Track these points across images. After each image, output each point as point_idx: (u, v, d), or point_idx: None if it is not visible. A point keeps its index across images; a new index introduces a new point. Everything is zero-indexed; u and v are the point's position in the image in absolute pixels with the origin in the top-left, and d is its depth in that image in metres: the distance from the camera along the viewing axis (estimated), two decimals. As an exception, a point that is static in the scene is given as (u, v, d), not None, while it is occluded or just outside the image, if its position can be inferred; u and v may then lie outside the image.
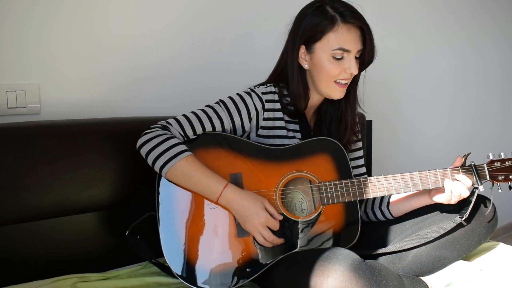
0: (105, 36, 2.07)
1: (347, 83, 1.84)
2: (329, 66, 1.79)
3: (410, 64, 3.22)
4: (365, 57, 1.84)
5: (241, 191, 1.71)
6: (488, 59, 3.71)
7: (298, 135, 1.91)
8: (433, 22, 3.31)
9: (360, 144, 2.06)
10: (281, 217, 1.73)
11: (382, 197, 1.96)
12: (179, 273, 1.69)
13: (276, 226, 1.71)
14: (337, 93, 1.84)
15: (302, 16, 1.84)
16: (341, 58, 1.79)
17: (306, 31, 1.80)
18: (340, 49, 1.77)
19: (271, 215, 1.71)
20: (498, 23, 3.76)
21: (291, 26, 1.88)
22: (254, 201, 1.70)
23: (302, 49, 1.83)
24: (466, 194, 1.75)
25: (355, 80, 1.91)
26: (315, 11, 1.80)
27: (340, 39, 1.76)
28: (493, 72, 3.78)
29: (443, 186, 1.77)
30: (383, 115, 3.02)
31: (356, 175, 1.99)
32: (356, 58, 1.82)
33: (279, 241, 1.73)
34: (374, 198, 1.98)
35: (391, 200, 1.94)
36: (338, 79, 1.81)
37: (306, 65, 1.85)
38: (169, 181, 1.72)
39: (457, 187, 1.74)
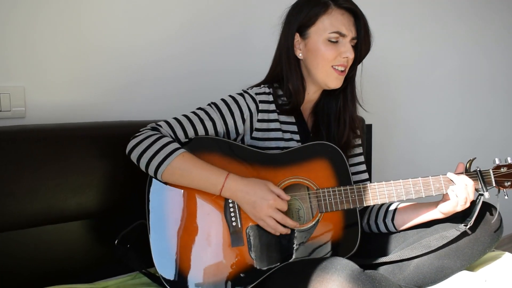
0: (93, 36, 2.07)
1: (344, 70, 1.85)
2: (325, 49, 1.81)
3: (411, 65, 3.21)
4: (362, 46, 1.86)
5: (243, 179, 1.70)
6: (494, 60, 3.71)
7: (296, 136, 1.91)
8: (436, 20, 3.30)
9: (360, 150, 2.06)
10: (288, 197, 1.73)
11: (387, 210, 1.95)
12: (171, 284, 1.68)
13: (284, 206, 1.71)
14: (334, 81, 1.85)
15: (295, 5, 1.89)
16: (336, 42, 1.82)
17: (299, 18, 1.85)
18: (335, 32, 1.80)
19: (278, 196, 1.71)
20: (504, 22, 3.75)
21: (284, 18, 1.91)
22: (258, 185, 1.70)
23: (296, 37, 1.86)
24: (472, 196, 1.75)
25: (351, 75, 1.92)
26: (308, 0, 1.85)
27: (335, 22, 1.80)
28: (499, 73, 3.77)
29: (447, 193, 1.77)
30: (384, 118, 3.02)
31: (358, 181, 1.99)
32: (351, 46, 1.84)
33: (292, 223, 1.72)
34: (378, 210, 1.97)
35: (396, 213, 1.92)
36: (334, 64, 1.83)
37: (300, 54, 1.87)
38: (165, 183, 1.71)
39: (461, 190, 1.74)
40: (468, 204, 1.76)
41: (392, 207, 1.94)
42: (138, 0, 2.16)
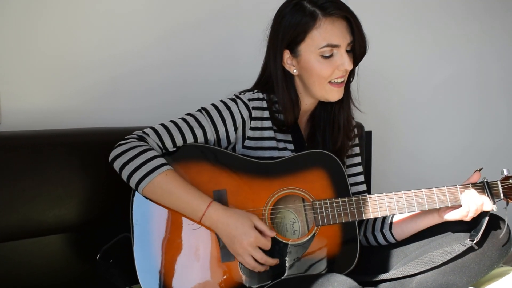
0: (72, 38, 2.07)
1: (343, 81, 1.83)
2: (320, 67, 1.78)
3: (415, 68, 3.18)
4: (357, 50, 1.82)
5: (227, 209, 1.68)
6: (506, 62, 3.67)
7: (290, 146, 1.89)
8: (443, 19, 3.27)
9: (359, 159, 2.04)
10: (273, 233, 1.70)
11: (384, 219, 1.94)
12: (156, 302, 1.66)
13: (267, 245, 1.68)
14: (335, 94, 1.82)
15: (280, 18, 1.83)
16: (331, 56, 1.78)
17: (286, 34, 1.79)
18: (327, 45, 1.76)
19: (261, 233, 1.68)
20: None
21: (269, 31, 1.87)
22: (242, 219, 1.67)
23: (287, 54, 1.82)
24: (489, 207, 1.74)
25: (348, 80, 1.89)
26: (292, 9, 1.79)
27: (325, 35, 1.75)
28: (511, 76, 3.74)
29: (451, 206, 1.76)
30: (384, 125, 3.01)
31: (354, 193, 1.96)
32: (347, 51, 1.80)
33: (273, 261, 1.69)
34: (375, 221, 1.96)
35: (393, 221, 1.92)
36: (332, 78, 1.80)
37: (295, 70, 1.83)
38: (147, 198, 1.69)
39: (474, 201, 1.73)
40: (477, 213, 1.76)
41: (389, 216, 1.93)
42: (118, 6, 2.16)
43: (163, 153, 1.74)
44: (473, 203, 1.72)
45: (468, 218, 1.75)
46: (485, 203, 1.73)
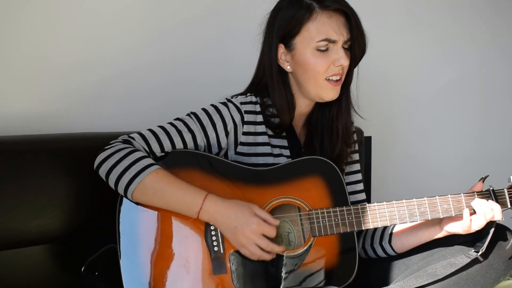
0: (55, 37, 2.06)
1: (340, 79, 1.82)
2: (315, 61, 1.77)
3: (417, 69, 3.17)
4: (356, 49, 1.82)
5: (225, 201, 1.67)
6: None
7: (286, 152, 1.89)
8: (446, 18, 3.27)
9: (358, 166, 2.04)
10: (277, 222, 1.69)
11: (383, 231, 1.93)
12: (144, 318, 1.64)
13: (272, 232, 1.67)
14: (330, 93, 1.81)
15: (276, 11, 1.84)
16: (326, 50, 1.77)
17: (281, 26, 1.80)
18: (324, 40, 1.75)
19: (264, 220, 1.67)
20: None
21: (265, 25, 1.87)
22: (241, 208, 1.66)
23: (281, 48, 1.82)
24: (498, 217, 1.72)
25: (347, 81, 1.88)
26: (289, 2, 1.81)
27: (322, 28, 1.76)
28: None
29: (455, 215, 1.75)
30: (385, 130, 3.01)
31: (353, 202, 1.95)
32: (345, 49, 1.80)
33: (279, 249, 1.68)
34: (374, 233, 1.95)
35: (394, 232, 1.90)
36: (328, 75, 1.79)
37: (288, 67, 1.83)
38: (137, 203, 1.68)
39: (487, 211, 1.71)
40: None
41: (389, 228, 1.92)
42: (103, 7, 2.15)
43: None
44: (481, 218, 1.71)
45: (472, 230, 1.73)
46: (495, 213, 1.72)
